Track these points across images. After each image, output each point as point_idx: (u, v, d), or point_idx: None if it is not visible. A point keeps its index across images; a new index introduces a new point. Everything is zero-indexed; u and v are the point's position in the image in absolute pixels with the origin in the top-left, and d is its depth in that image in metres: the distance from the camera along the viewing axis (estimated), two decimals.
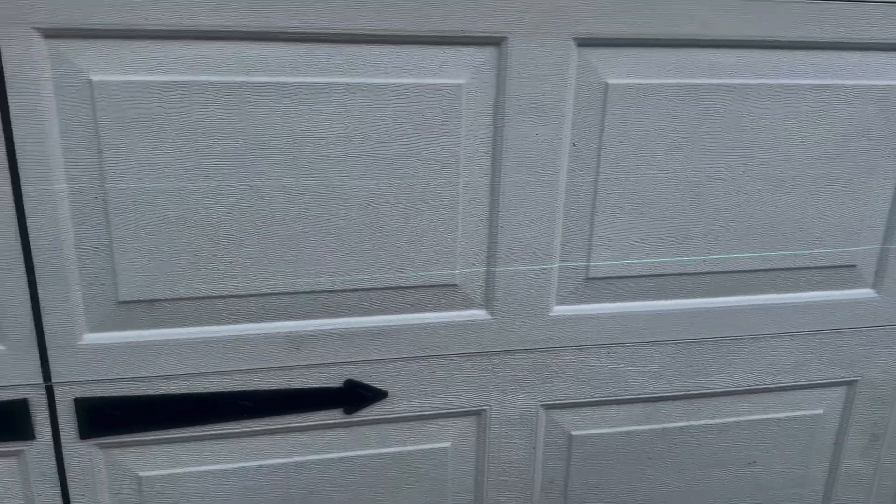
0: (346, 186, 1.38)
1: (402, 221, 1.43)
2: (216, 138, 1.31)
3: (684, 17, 1.38)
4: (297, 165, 1.35)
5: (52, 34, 1.20)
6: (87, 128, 1.26)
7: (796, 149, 1.54)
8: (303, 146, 1.34)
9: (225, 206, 1.35)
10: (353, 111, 1.34)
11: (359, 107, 1.34)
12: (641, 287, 1.60)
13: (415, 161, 1.39)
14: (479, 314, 1.55)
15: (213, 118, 1.29)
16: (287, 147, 1.34)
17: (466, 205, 1.45)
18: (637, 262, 1.57)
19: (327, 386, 1.52)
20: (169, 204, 1.33)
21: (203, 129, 1.30)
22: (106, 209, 1.31)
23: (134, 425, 1.46)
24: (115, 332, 1.40)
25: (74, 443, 1.46)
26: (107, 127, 1.26)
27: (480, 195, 1.45)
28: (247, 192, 1.35)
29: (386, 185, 1.40)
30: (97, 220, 1.32)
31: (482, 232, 1.48)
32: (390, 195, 1.41)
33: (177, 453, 1.51)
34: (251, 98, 1.30)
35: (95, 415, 1.44)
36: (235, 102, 1.29)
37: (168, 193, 1.32)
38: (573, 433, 1.70)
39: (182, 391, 1.46)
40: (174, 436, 1.49)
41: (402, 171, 1.40)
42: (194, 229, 1.36)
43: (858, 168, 1.58)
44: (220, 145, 1.31)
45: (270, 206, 1.37)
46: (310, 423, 1.54)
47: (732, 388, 1.73)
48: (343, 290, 1.46)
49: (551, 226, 1.50)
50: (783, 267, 1.64)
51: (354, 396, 1.54)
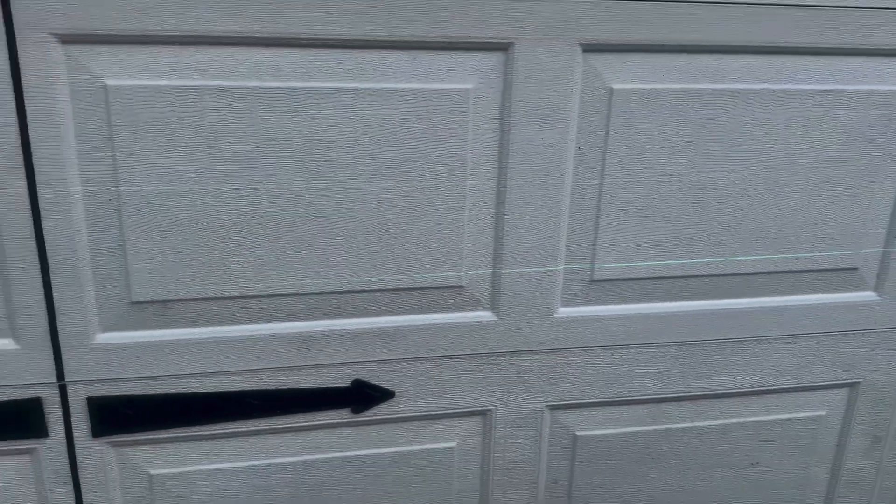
0: (354, 189, 1.39)
1: (410, 224, 1.44)
2: (228, 142, 1.32)
3: (688, 23, 1.39)
4: (306, 169, 1.36)
5: (68, 40, 1.22)
6: (102, 131, 1.28)
7: (799, 153, 1.54)
8: (313, 150, 1.35)
9: (236, 209, 1.37)
10: (363, 115, 1.35)
11: (368, 111, 1.35)
12: (645, 289, 1.60)
13: (422, 164, 1.41)
14: (485, 315, 1.55)
15: (225, 122, 1.31)
16: (297, 150, 1.35)
17: (473, 208, 1.46)
18: (641, 264, 1.57)
19: (335, 386, 1.53)
20: (181, 206, 1.34)
21: (215, 132, 1.31)
22: (119, 211, 1.33)
23: (145, 424, 1.47)
24: (128, 332, 1.41)
25: (87, 441, 1.47)
26: (121, 130, 1.28)
27: (487, 198, 1.46)
28: (257, 195, 1.36)
29: (394, 188, 1.41)
30: (111, 222, 1.33)
31: (488, 234, 1.49)
32: (398, 198, 1.42)
33: (187, 451, 1.52)
34: (262, 102, 1.31)
35: (108, 413, 1.45)
36: (247, 107, 1.31)
37: (180, 196, 1.34)
38: (578, 433, 1.71)
39: (193, 390, 1.47)
40: (185, 434, 1.50)
41: (409, 175, 1.41)
42: (206, 231, 1.37)
43: (860, 172, 1.58)
44: (231, 149, 1.33)
45: (280, 209, 1.38)
46: (318, 423, 1.56)
47: (735, 389, 1.74)
48: (351, 291, 1.47)
49: (557, 228, 1.50)
50: (786, 270, 1.64)
51: (362, 396, 1.55)
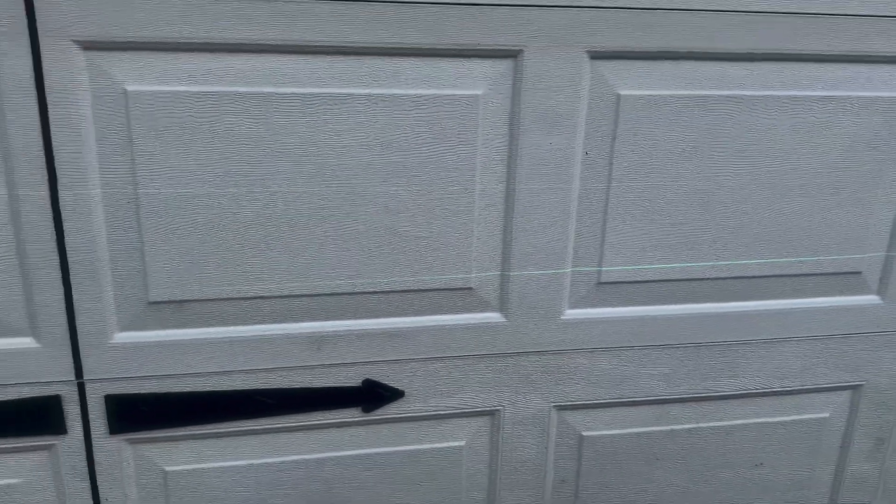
0: (366, 193, 1.41)
1: (420, 227, 1.46)
2: (244, 146, 1.34)
3: (693, 31, 1.41)
4: (320, 173, 1.38)
5: (90, 47, 1.24)
6: (122, 135, 1.30)
7: (803, 158, 1.55)
8: (326, 154, 1.37)
9: (251, 212, 1.39)
10: (375, 121, 1.37)
11: (380, 116, 1.37)
12: (652, 292, 1.62)
13: (433, 169, 1.42)
14: (494, 317, 1.57)
15: (241, 127, 1.33)
16: (311, 155, 1.37)
17: (482, 211, 1.48)
18: (647, 267, 1.58)
19: (346, 385, 1.55)
20: (198, 209, 1.37)
21: (231, 137, 1.33)
22: (138, 213, 1.35)
23: (161, 421, 1.50)
24: (145, 332, 1.44)
25: (104, 438, 1.49)
26: (140, 135, 1.30)
27: (496, 202, 1.48)
28: (272, 198, 1.38)
29: (405, 192, 1.43)
30: (130, 224, 1.35)
31: (497, 237, 1.51)
32: (409, 201, 1.44)
33: (201, 449, 1.54)
34: (278, 108, 1.33)
35: (125, 411, 1.47)
36: (262, 112, 1.33)
37: (198, 199, 1.36)
38: (584, 434, 1.72)
39: (208, 389, 1.49)
40: (199, 432, 1.52)
41: (420, 179, 1.43)
42: (222, 233, 1.39)
43: (864, 177, 1.59)
44: (247, 153, 1.35)
45: (295, 212, 1.40)
46: (329, 421, 1.57)
47: (740, 391, 1.74)
48: (362, 292, 1.49)
49: (564, 231, 1.52)
50: (790, 273, 1.65)
51: (373, 395, 1.57)
